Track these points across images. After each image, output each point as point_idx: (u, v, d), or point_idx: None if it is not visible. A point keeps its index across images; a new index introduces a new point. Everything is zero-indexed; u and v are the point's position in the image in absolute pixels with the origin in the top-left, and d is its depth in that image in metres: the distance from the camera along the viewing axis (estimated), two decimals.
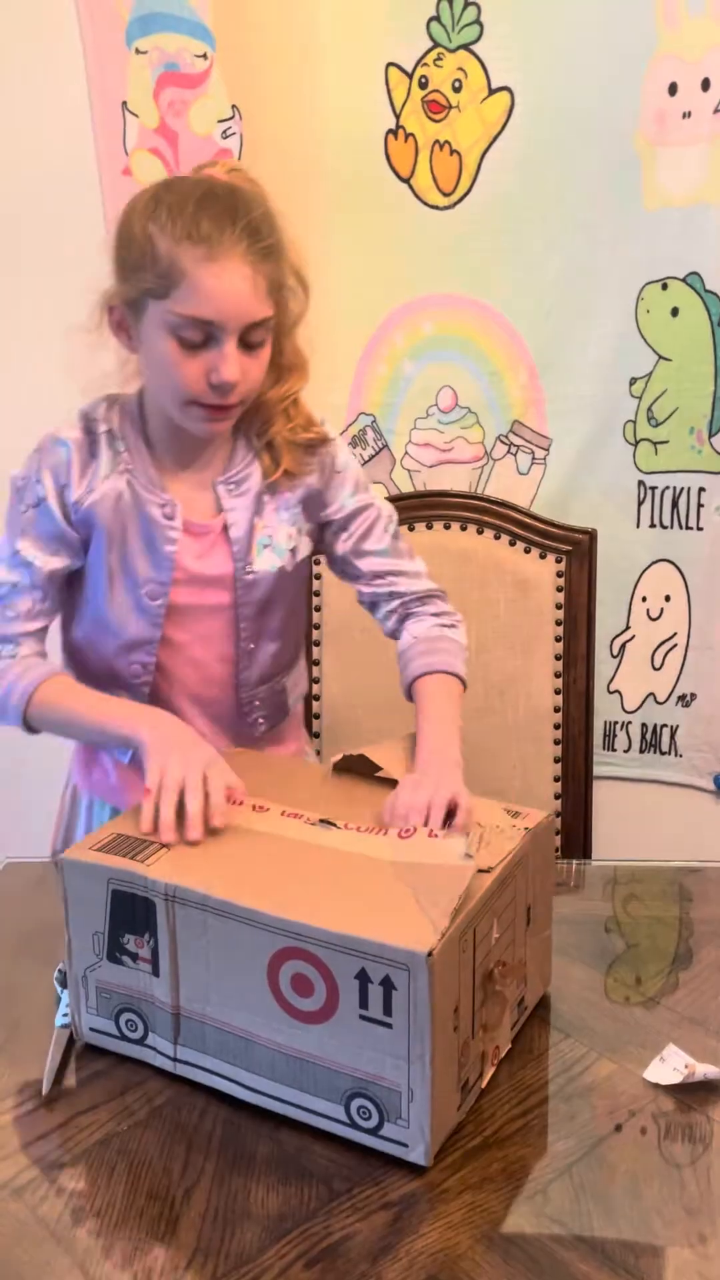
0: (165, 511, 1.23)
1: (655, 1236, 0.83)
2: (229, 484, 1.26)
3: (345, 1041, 0.89)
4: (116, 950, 0.98)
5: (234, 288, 1.11)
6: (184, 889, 0.94)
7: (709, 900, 1.31)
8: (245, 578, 1.26)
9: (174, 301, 1.11)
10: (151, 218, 1.13)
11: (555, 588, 1.67)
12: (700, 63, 1.73)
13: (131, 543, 1.24)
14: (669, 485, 1.92)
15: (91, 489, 1.23)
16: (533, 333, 1.88)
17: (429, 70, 1.78)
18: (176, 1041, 0.98)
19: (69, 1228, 0.84)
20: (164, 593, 1.24)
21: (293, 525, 1.28)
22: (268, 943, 0.91)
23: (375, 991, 0.87)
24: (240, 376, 1.14)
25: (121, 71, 1.70)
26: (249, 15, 1.73)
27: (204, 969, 0.95)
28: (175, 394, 1.16)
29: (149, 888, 0.95)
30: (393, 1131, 0.89)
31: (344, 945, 0.88)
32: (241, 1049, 0.95)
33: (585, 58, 1.75)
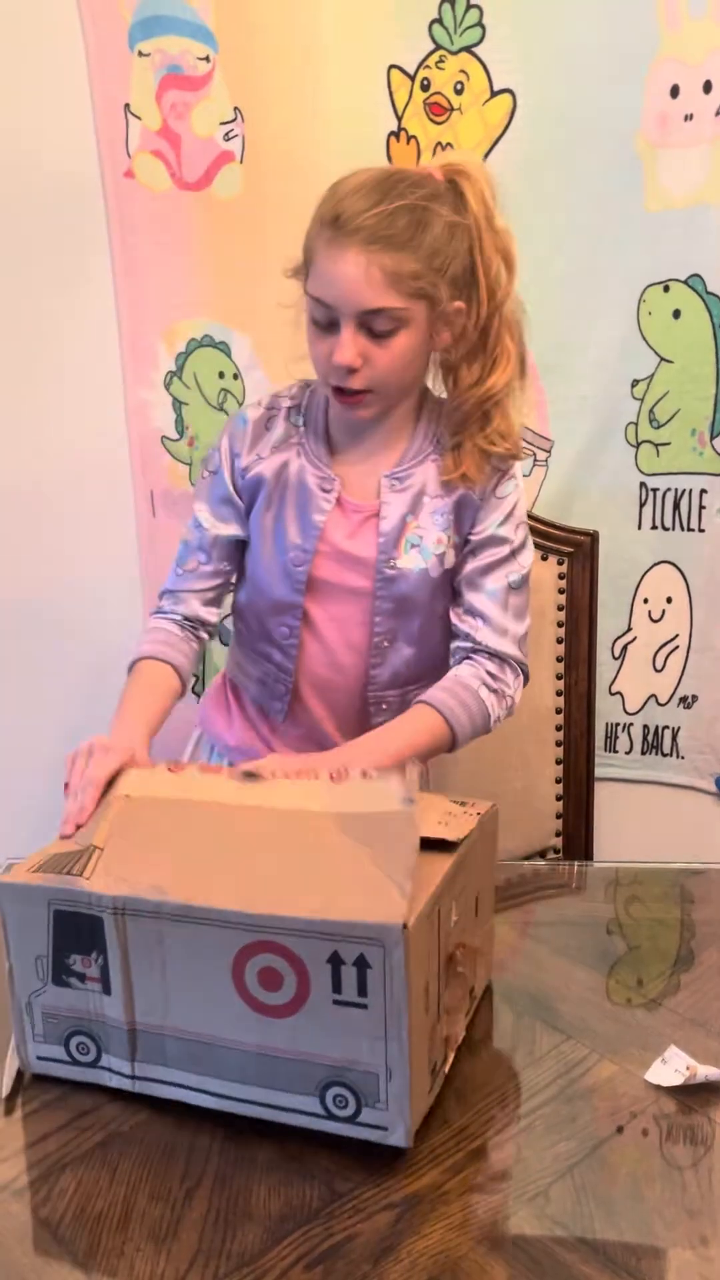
0: (324, 485, 1.29)
1: (657, 1238, 0.83)
2: (393, 479, 1.29)
3: (318, 1030, 0.88)
4: (62, 973, 0.94)
5: (345, 274, 1.15)
6: (134, 899, 0.90)
7: (711, 902, 1.30)
8: (387, 570, 1.28)
9: (309, 282, 1.20)
10: (322, 200, 1.19)
11: (557, 589, 1.67)
12: (702, 65, 1.74)
13: (287, 509, 1.30)
14: (670, 487, 1.92)
15: (260, 457, 1.31)
16: (534, 334, 1.87)
17: (431, 72, 1.79)
18: (134, 1059, 0.94)
19: (71, 1229, 0.84)
20: (307, 560, 1.29)
21: (444, 531, 1.28)
22: (232, 940, 0.88)
23: (349, 973, 0.85)
24: (354, 361, 1.18)
25: (124, 74, 1.70)
26: (251, 17, 1.73)
27: (159, 979, 0.91)
28: (318, 372, 1.24)
29: (93, 903, 0.91)
30: (371, 1116, 0.88)
31: (315, 930, 0.85)
32: (205, 1055, 0.92)
33: (587, 60, 1.76)
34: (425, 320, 1.20)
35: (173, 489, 1.86)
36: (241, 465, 1.31)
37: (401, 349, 1.20)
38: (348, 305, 1.16)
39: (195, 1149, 0.91)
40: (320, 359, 1.21)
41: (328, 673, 1.33)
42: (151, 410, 1.84)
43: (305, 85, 1.77)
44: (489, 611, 1.29)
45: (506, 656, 1.29)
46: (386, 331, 1.18)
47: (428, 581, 1.29)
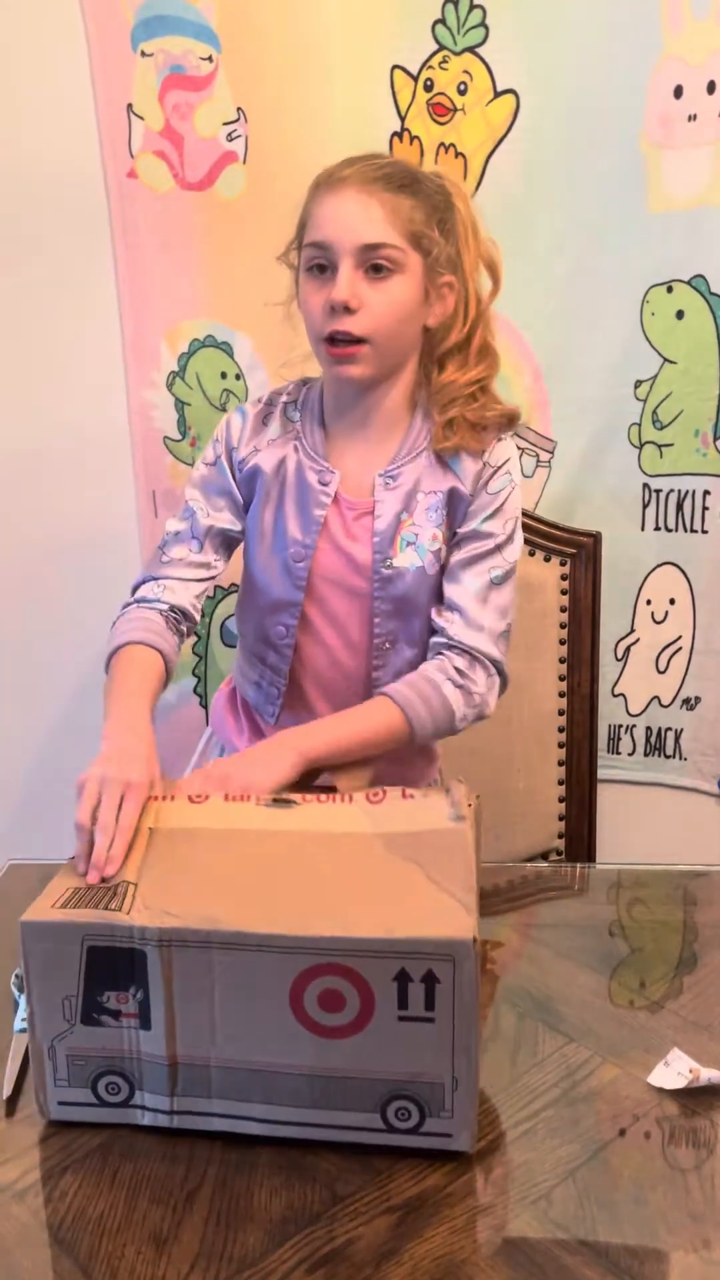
0: (322, 479, 1.28)
1: (660, 1242, 0.83)
2: (387, 477, 1.28)
3: (381, 1048, 0.86)
4: (93, 1011, 0.89)
5: (344, 209, 1.18)
6: (183, 929, 0.86)
7: (714, 904, 1.30)
8: (384, 570, 1.28)
9: (306, 236, 1.22)
10: (311, 185, 1.24)
11: (560, 590, 1.67)
12: (705, 66, 1.73)
13: (286, 504, 1.30)
14: (674, 488, 1.92)
15: (257, 449, 1.31)
16: (537, 336, 1.88)
17: (434, 73, 1.78)
18: (174, 1094, 0.90)
19: (72, 1232, 0.84)
20: (307, 555, 1.28)
21: (437, 527, 1.28)
22: (291, 965, 0.85)
23: (415, 989, 0.84)
24: (351, 298, 1.18)
25: (127, 74, 1.70)
26: (254, 18, 1.73)
27: (208, 1010, 0.87)
28: (310, 330, 1.24)
29: (136, 937, 0.87)
30: (435, 1125, 0.88)
31: (380, 950, 0.83)
32: (257, 1083, 0.89)
33: (590, 61, 1.75)
34: (421, 274, 1.22)
35: (175, 489, 1.85)
36: (239, 458, 1.31)
37: (397, 294, 1.20)
38: (346, 239, 1.18)
39: (196, 1151, 0.90)
40: (316, 308, 1.21)
41: (330, 673, 1.33)
42: (154, 410, 1.84)
43: (308, 85, 1.77)
44: (465, 605, 1.27)
45: (478, 653, 1.27)
46: (383, 272, 1.19)
47: (425, 580, 1.28)
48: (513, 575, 1.30)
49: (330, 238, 1.19)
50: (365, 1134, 0.89)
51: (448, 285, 1.24)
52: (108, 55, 1.69)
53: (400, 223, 1.18)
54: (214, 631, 1.95)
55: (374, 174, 1.19)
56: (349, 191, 1.18)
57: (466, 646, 1.26)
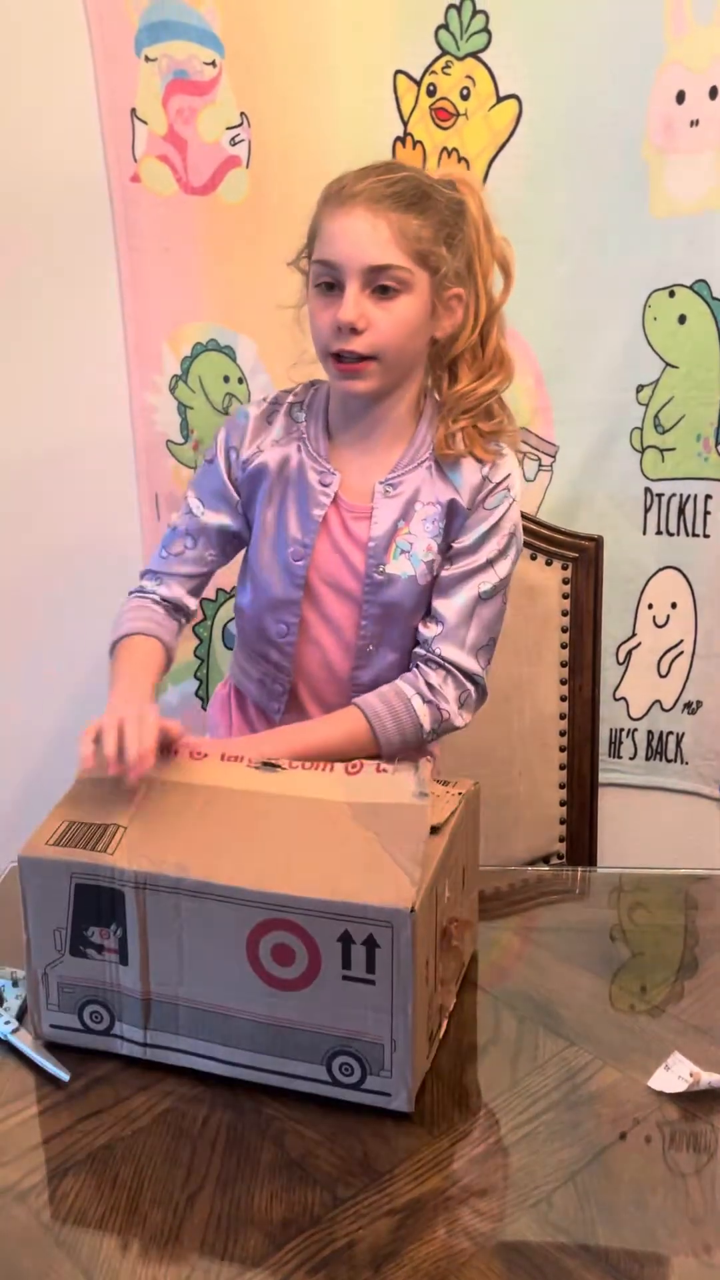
0: (323, 479, 1.30)
1: (660, 1246, 0.83)
2: (388, 484, 1.29)
3: (327, 1003, 0.92)
4: (80, 944, 0.98)
5: (352, 229, 1.19)
6: (155, 875, 0.94)
7: (715, 908, 1.30)
8: (376, 575, 1.29)
9: (315, 252, 1.23)
10: (323, 192, 1.25)
11: (561, 594, 1.67)
12: (708, 71, 1.74)
13: (287, 503, 1.32)
14: (675, 492, 1.92)
15: (260, 449, 1.32)
16: (540, 340, 1.88)
17: (437, 78, 1.79)
18: (147, 1027, 0.98)
19: (73, 1233, 0.84)
20: (307, 554, 1.30)
21: (433, 539, 1.28)
22: (247, 917, 0.92)
23: (358, 951, 0.90)
24: (358, 319, 1.19)
25: (130, 78, 1.71)
26: (258, 23, 1.73)
27: (176, 952, 0.95)
28: (318, 343, 1.25)
29: (116, 878, 0.95)
30: (375, 1084, 0.93)
31: (327, 911, 0.90)
32: (218, 1025, 0.96)
33: (593, 66, 1.76)
34: (428, 292, 1.23)
35: (177, 492, 1.86)
36: (242, 458, 1.33)
37: (404, 314, 1.21)
38: (354, 260, 1.19)
39: (198, 1154, 0.91)
40: (323, 326, 1.22)
41: (322, 673, 1.35)
42: (156, 414, 1.84)
43: (311, 90, 1.77)
44: (449, 619, 1.28)
45: (455, 668, 1.28)
46: (390, 292, 1.20)
47: (415, 589, 1.29)
48: (503, 588, 1.31)
49: (338, 258, 1.20)
50: (312, 1084, 0.95)
51: (455, 298, 1.25)
52: (112, 60, 1.70)
53: (407, 243, 1.19)
54: (216, 634, 1.95)
55: (384, 191, 1.19)
56: (358, 210, 1.19)
57: (444, 660, 1.28)
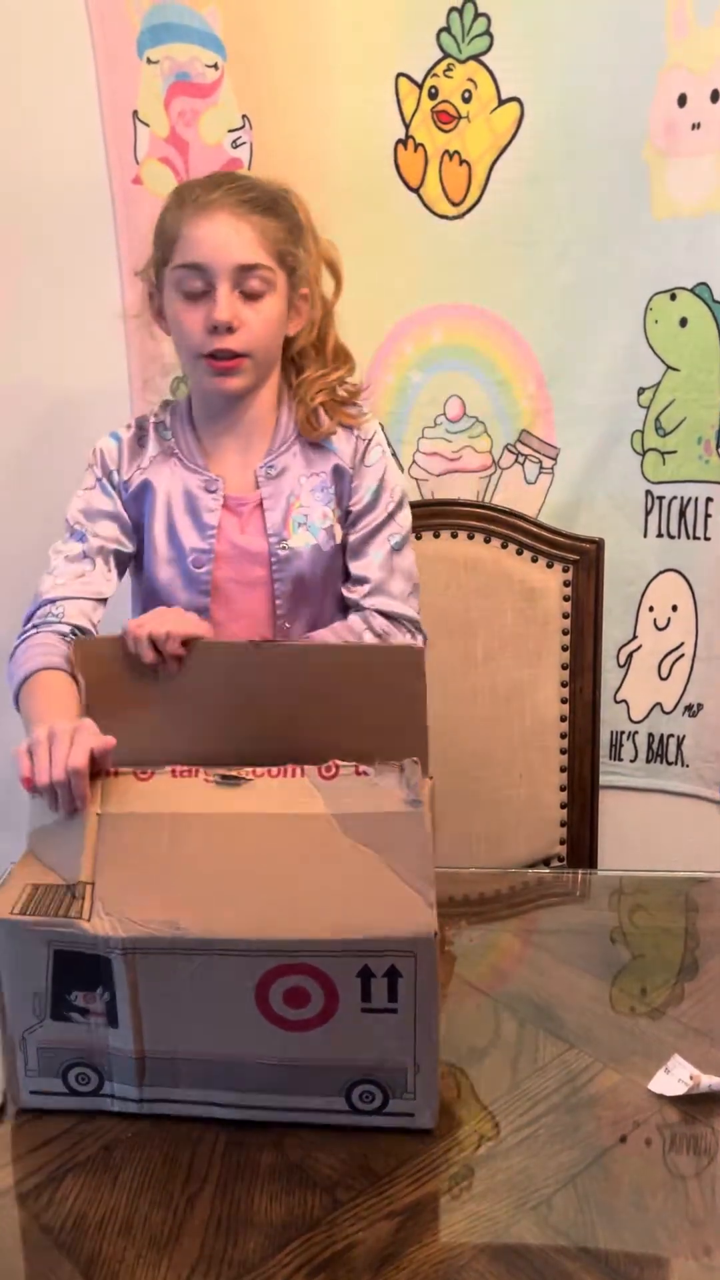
0: (208, 486, 1.34)
1: (660, 1248, 0.83)
2: (268, 468, 1.34)
3: (345, 1038, 0.88)
4: (63, 1008, 0.91)
5: (218, 232, 1.24)
6: (146, 938, 0.87)
7: (715, 911, 1.30)
8: (280, 553, 1.33)
9: (174, 259, 1.26)
10: (167, 204, 1.30)
11: (562, 597, 1.67)
12: (709, 74, 1.74)
13: (178, 516, 1.34)
14: (676, 495, 1.92)
15: (141, 468, 1.35)
16: (541, 342, 1.88)
17: (439, 81, 1.79)
18: (142, 1084, 0.93)
19: (72, 1235, 0.84)
20: (208, 561, 1.33)
21: (327, 505, 1.35)
22: (255, 966, 0.87)
23: (379, 984, 0.86)
24: (232, 317, 1.24)
25: (133, 81, 1.71)
26: (260, 25, 1.73)
27: (173, 1010, 0.89)
28: (186, 348, 1.29)
29: (99, 945, 0.88)
30: (398, 1106, 0.90)
31: (346, 949, 0.85)
32: (223, 1073, 0.91)
33: (595, 68, 1.76)
34: (286, 292, 1.29)
35: None
36: (123, 479, 1.35)
37: (270, 313, 1.28)
38: (223, 261, 1.24)
39: (197, 1155, 0.91)
40: (195, 328, 1.26)
41: None
42: None
43: (313, 92, 1.77)
44: (373, 576, 1.35)
45: (396, 616, 1.34)
46: (258, 292, 1.26)
47: (321, 557, 1.34)
48: (410, 539, 1.39)
49: (207, 260, 1.24)
50: (330, 1115, 0.91)
51: (304, 298, 1.32)
52: (114, 62, 1.70)
53: (269, 244, 1.25)
54: None
55: (242, 196, 1.25)
56: (221, 215, 1.24)
57: (384, 610, 1.34)
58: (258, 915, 0.87)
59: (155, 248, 1.30)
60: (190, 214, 1.25)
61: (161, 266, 1.29)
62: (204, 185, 1.28)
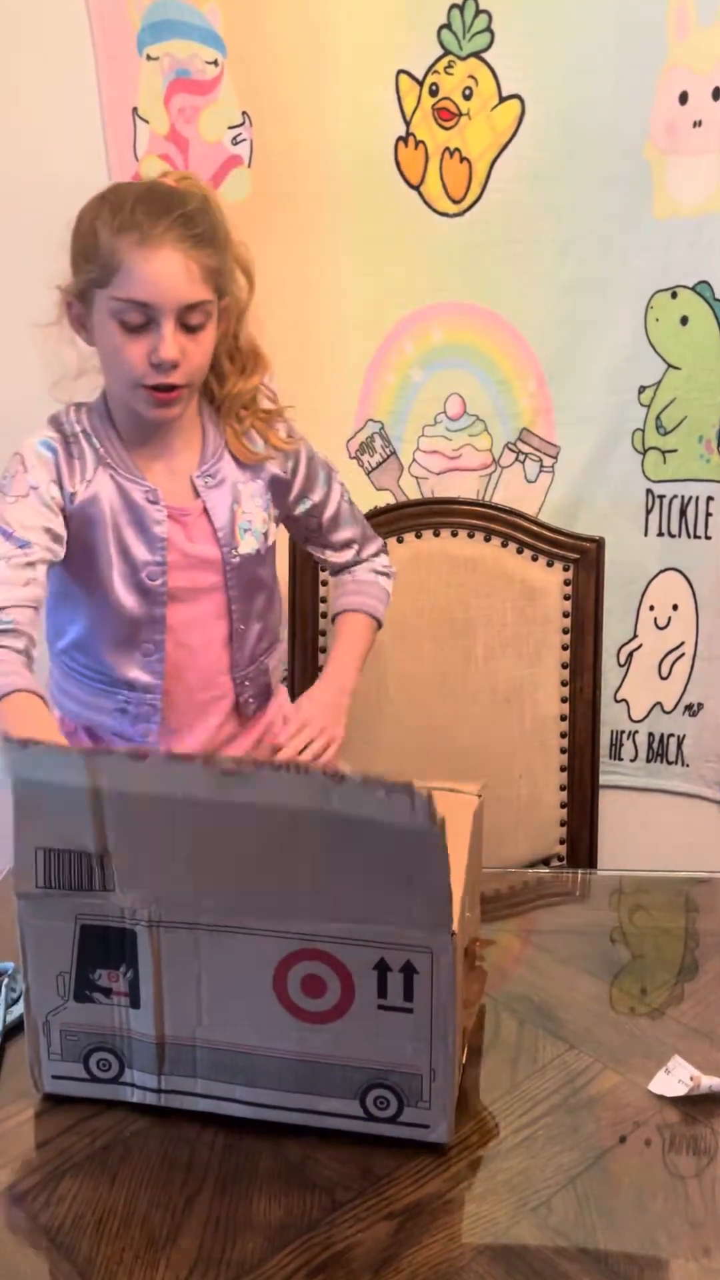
0: (149, 497, 1.31)
1: (659, 1249, 0.83)
2: (205, 476, 1.34)
3: (361, 1035, 0.88)
4: (85, 988, 0.91)
5: (167, 271, 1.20)
6: (172, 911, 0.87)
7: (715, 911, 1.30)
8: (232, 560, 1.34)
9: (114, 288, 1.21)
10: (97, 215, 1.23)
11: (563, 596, 1.67)
12: (711, 73, 1.73)
13: (125, 530, 1.30)
14: (677, 494, 1.92)
15: (86, 481, 1.30)
16: (541, 341, 1.88)
17: (439, 78, 1.79)
18: (161, 1072, 0.92)
19: (70, 1235, 0.83)
20: (162, 573, 1.31)
21: (264, 510, 1.37)
22: (275, 949, 0.87)
23: (395, 979, 0.86)
24: (179, 356, 1.23)
25: (132, 77, 1.71)
26: (260, 22, 1.73)
27: (194, 991, 0.89)
28: (123, 378, 1.26)
29: (127, 916, 0.88)
30: (412, 1115, 0.89)
31: (361, 938, 0.85)
32: (242, 1066, 0.90)
33: (596, 66, 1.75)
34: (217, 314, 1.28)
35: None
36: (69, 492, 1.28)
37: (208, 342, 1.27)
38: (169, 301, 1.21)
39: (196, 1156, 0.90)
40: (135, 361, 1.23)
41: (194, 673, 1.36)
42: None
43: (314, 90, 1.77)
44: (354, 534, 1.49)
45: (380, 549, 1.52)
46: (198, 325, 1.24)
47: (262, 559, 1.39)
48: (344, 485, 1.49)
49: (155, 300, 1.21)
50: (345, 1120, 0.90)
51: (224, 309, 1.30)
52: (113, 59, 1.70)
53: (210, 277, 1.24)
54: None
55: (187, 230, 1.21)
56: (167, 252, 1.20)
57: (375, 554, 1.51)
58: (280, 899, 0.87)
59: (86, 264, 1.24)
60: (133, 245, 1.20)
61: (94, 287, 1.23)
62: (146, 213, 1.21)
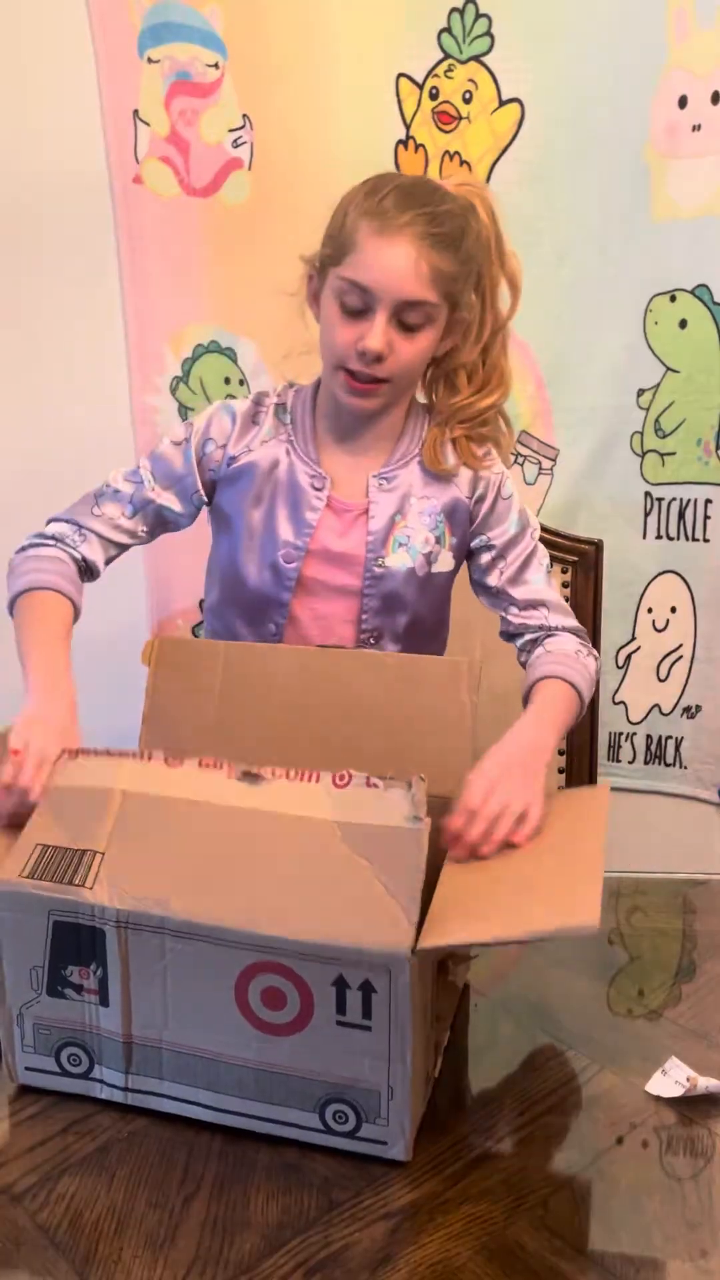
0: (315, 482, 1.30)
1: (656, 1250, 0.83)
2: (382, 479, 1.31)
3: (320, 1049, 0.88)
4: (58, 984, 0.93)
5: (394, 262, 1.18)
6: (138, 914, 0.89)
7: (713, 913, 1.30)
8: (375, 569, 1.30)
9: (344, 267, 1.21)
10: (355, 195, 1.22)
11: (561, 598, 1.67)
12: (710, 76, 1.74)
13: (278, 506, 1.30)
14: (675, 497, 1.92)
15: (250, 448, 1.31)
16: (540, 343, 1.88)
17: (439, 81, 1.79)
18: (128, 1071, 0.94)
19: (68, 1234, 0.84)
20: (299, 557, 1.30)
21: (432, 532, 1.31)
22: (236, 959, 0.87)
23: (353, 996, 0.86)
24: (385, 349, 1.21)
25: (133, 80, 1.71)
26: (261, 25, 1.73)
27: (160, 993, 0.90)
28: (330, 355, 1.25)
29: (96, 915, 0.89)
30: (371, 1132, 0.89)
31: (320, 954, 0.85)
32: (203, 1070, 0.91)
33: (595, 70, 1.76)
34: (444, 322, 1.24)
35: None
36: (229, 454, 1.30)
37: (423, 345, 1.24)
38: (390, 293, 1.19)
39: (193, 1155, 0.91)
40: (344, 343, 1.22)
41: None
42: (157, 415, 1.84)
43: (314, 93, 1.77)
44: (548, 598, 1.32)
45: (577, 629, 1.32)
46: (416, 325, 1.22)
47: (414, 580, 1.31)
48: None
49: (376, 286, 1.19)
50: (304, 1132, 0.91)
51: (460, 320, 1.26)
52: (114, 61, 1.70)
53: (442, 282, 1.20)
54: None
55: (430, 228, 1.18)
56: (403, 244, 1.18)
57: (568, 627, 1.31)
58: (243, 908, 0.88)
59: (329, 240, 1.24)
60: (374, 229, 1.19)
61: (330, 263, 1.23)
62: (395, 202, 1.20)
